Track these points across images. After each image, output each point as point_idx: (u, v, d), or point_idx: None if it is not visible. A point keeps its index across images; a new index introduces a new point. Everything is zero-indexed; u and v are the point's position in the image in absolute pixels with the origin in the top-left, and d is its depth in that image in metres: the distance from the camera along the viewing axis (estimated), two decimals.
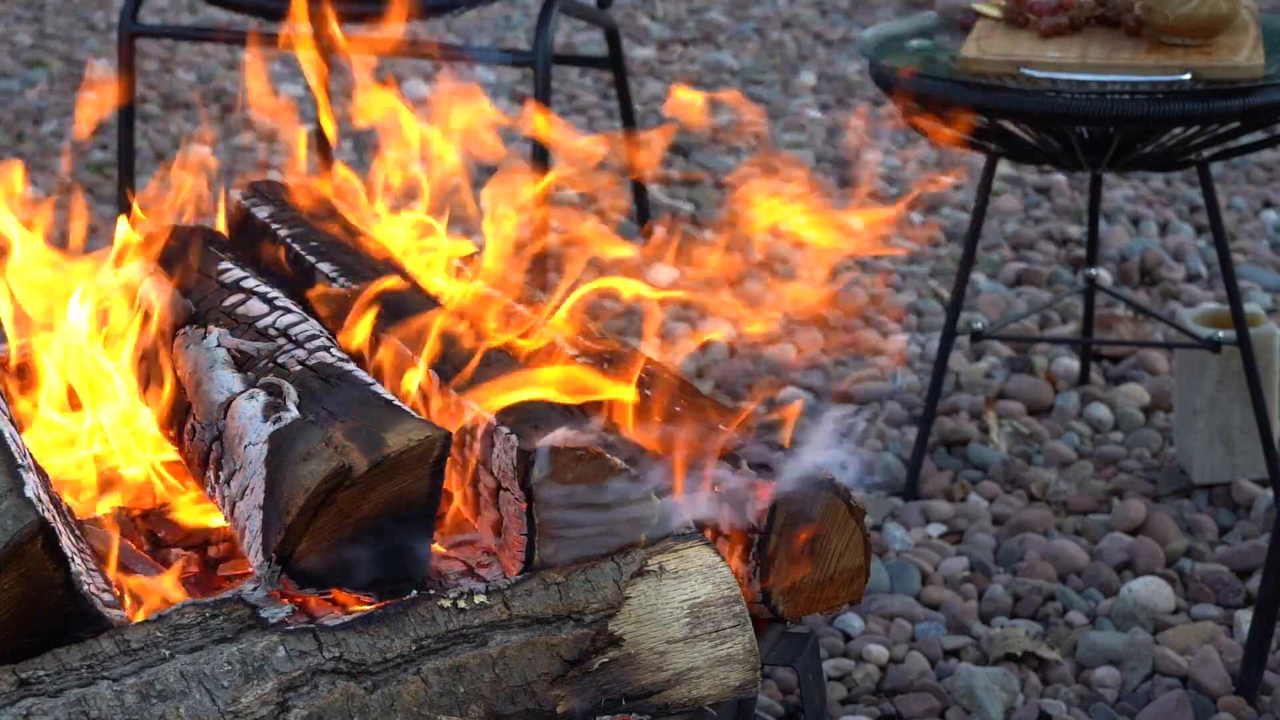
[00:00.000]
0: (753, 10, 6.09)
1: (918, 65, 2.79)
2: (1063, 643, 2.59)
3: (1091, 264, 3.25)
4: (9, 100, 5.05)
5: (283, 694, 1.61)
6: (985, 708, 2.44)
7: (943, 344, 3.00)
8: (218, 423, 1.87)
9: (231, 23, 5.23)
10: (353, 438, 1.71)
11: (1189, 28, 2.72)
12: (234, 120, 4.86)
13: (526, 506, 1.75)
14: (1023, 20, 2.85)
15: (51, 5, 6.09)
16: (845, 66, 5.44)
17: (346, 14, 3.64)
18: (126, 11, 3.68)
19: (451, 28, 5.82)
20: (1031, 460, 3.13)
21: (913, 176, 4.53)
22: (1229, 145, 2.81)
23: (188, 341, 2.01)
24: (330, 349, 1.93)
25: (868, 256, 3.78)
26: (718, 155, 4.59)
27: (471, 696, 1.67)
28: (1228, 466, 3.00)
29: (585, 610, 1.72)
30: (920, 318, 3.71)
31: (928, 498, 3.01)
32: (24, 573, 1.62)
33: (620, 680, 1.72)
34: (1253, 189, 4.42)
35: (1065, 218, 4.24)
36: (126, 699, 1.58)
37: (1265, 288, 3.80)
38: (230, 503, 1.82)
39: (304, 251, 2.26)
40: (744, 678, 1.77)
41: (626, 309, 3.73)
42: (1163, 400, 3.30)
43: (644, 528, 1.77)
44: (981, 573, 2.78)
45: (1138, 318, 3.65)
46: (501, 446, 1.80)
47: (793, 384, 3.38)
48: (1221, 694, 2.47)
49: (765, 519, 1.91)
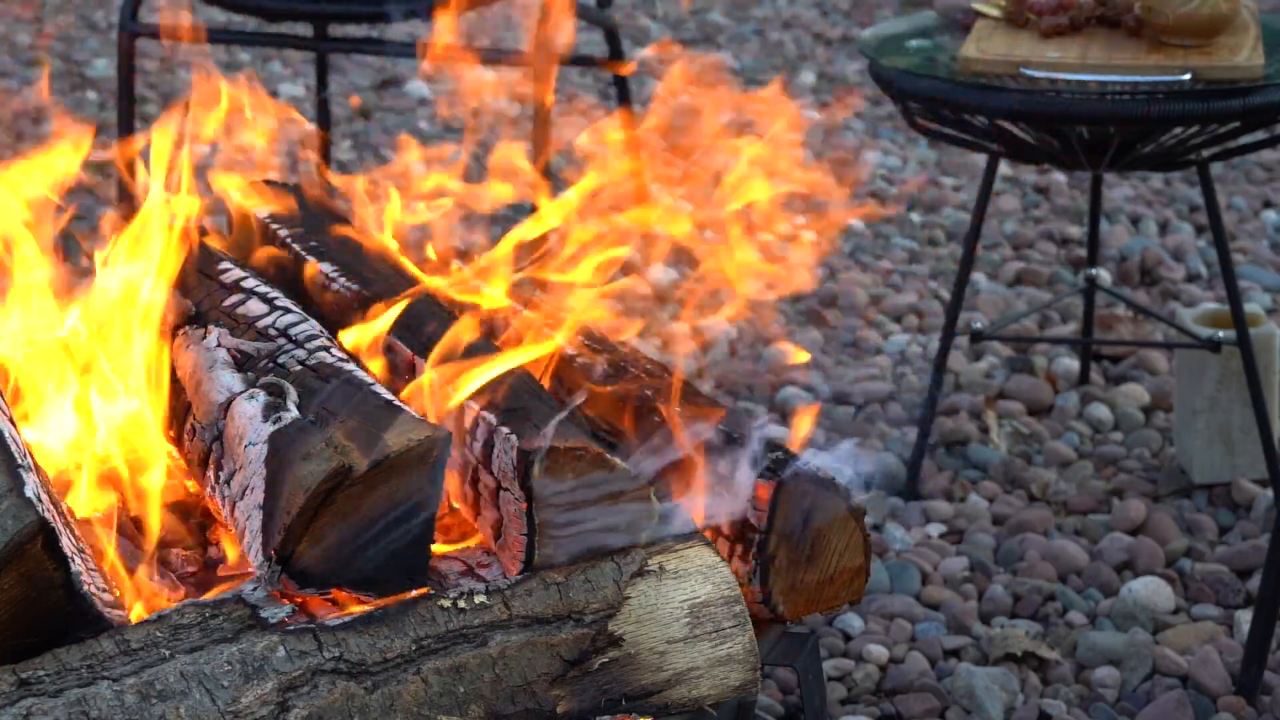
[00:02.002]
0: (753, 10, 6.09)
1: (917, 65, 2.79)
2: (1063, 643, 2.59)
3: (1091, 264, 3.25)
4: (9, 100, 5.05)
5: (283, 694, 1.61)
6: (985, 708, 2.44)
7: (943, 344, 3.00)
8: (218, 423, 1.87)
9: (231, 22, 5.23)
10: (353, 438, 1.71)
11: (1189, 28, 2.72)
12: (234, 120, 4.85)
13: (526, 506, 1.75)
14: (1023, 20, 2.85)
15: (51, 5, 6.09)
16: (845, 66, 5.45)
17: (348, 14, 3.64)
18: (126, 11, 3.68)
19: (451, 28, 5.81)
20: (1031, 460, 3.13)
21: (913, 176, 4.53)
22: (1229, 145, 2.81)
23: (188, 341, 2.01)
24: (330, 349, 1.93)
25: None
26: (718, 155, 4.58)
27: (471, 696, 1.67)
28: (1228, 466, 3.00)
29: (585, 610, 1.72)
30: (920, 318, 3.71)
31: (928, 498, 3.01)
32: (24, 573, 1.61)
33: (620, 680, 1.72)
34: (1253, 189, 4.42)
35: (1065, 218, 4.24)
36: (126, 699, 1.58)
37: (1265, 288, 3.80)
38: (230, 503, 1.82)
39: (304, 251, 2.26)
40: (744, 678, 1.77)
41: (626, 309, 3.73)
42: (1163, 400, 3.30)
43: (644, 528, 1.77)
44: (981, 573, 2.78)
45: (1138, 318, 3.65)
46: (501, 446, 1.80)
47: (793, 384, 3.38)
48: (1221, 694, 2.47)
49: (765, 519, 1.91)
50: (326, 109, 4.14)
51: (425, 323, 2.07)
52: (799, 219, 4.18)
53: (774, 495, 1.90)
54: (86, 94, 5.09)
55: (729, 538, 1.96)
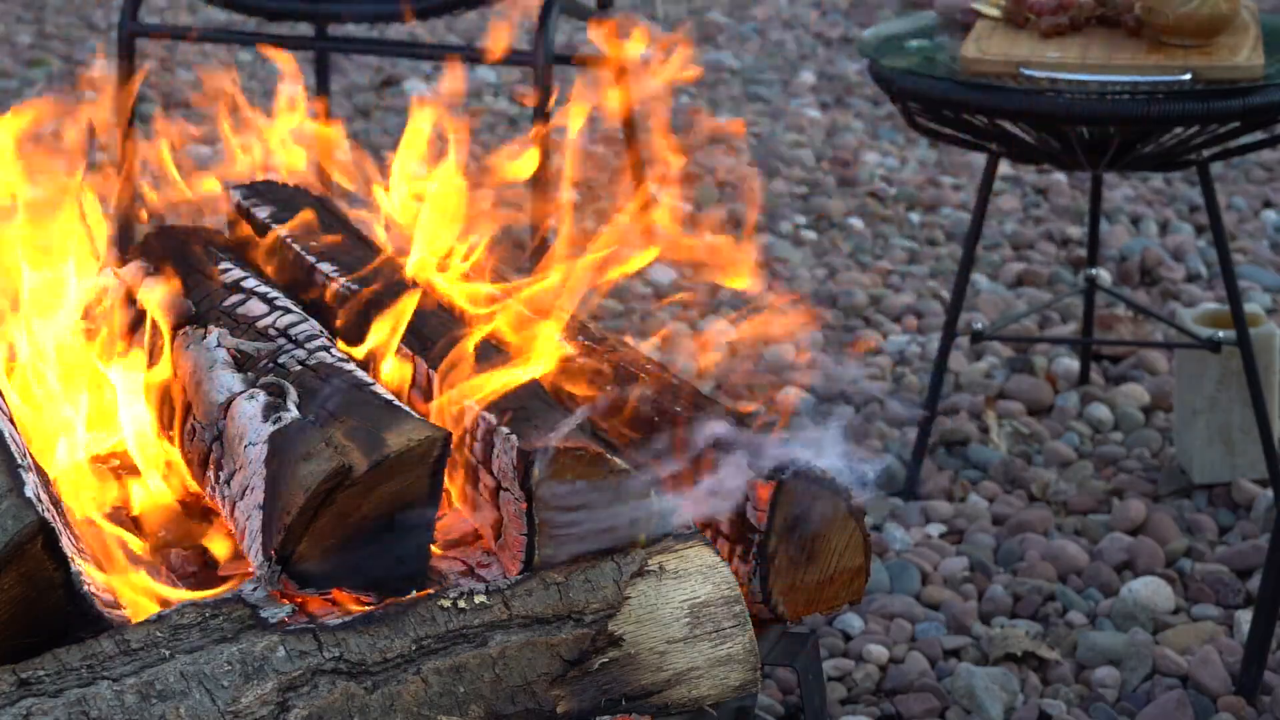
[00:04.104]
0: (753, 10, 6.09)
1: (917, 65, 2.79)
2: (1063, 643, 2.59)
3: (1091, 264, 3.25)
4: (9, 100, 5.06)
5: (283, 694, 1.61)
6: (985, 708, 2.44)
7: (943, 344, 3.00)
8: (218, 423, 1.87)
9: (231, 22, 5.23)
10: (353, 438, 1.71)
11: (1189, 28, 2.72)
12: (233, 119, 4.85)
13: (526, 506, 1.75)
14: (1023, 20, 2.85)
15: (51, 5, 6.09)
16: (845, 66, 5.44)
17: (348, 15, 3.64)
18: (126, 11, 3.68)
19: (452, 28, 5.82)
20: (1031, 460, 3.13)
21: (913, 176, 4.53)
22: (1229, 145, 2.81)
23: (188, 341, 2.01)
24: (330, 349, 1.93)
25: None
26: (716, 154, 4.59)
27: (471, 696, 1.67)
28: (1228, 466, 3.00)
29: (585, 610, 1.72)
30: (920, 318, 3.71)
31: (928, 498, 3.01)
32: (24, 573, 1.62)
33: (620, 680, 1.72)
34: (1253, 189, 4.42)
35: (1065, 218, 4.24)
36: (126, 699, 1.58)
37: (1265, 288, 3.80)
38: (230, 503, 1.82)
39: (304, 251, 2.26)
40: (744, 678, 1.77)
41: (627, 309, 3.73)
42: (1163, 400, 3.30)
43: (644, 527, 1.77)
44: (981, 573, 2.78)
45: (1138, 318, 3.65)
46: (501, 446, 1.80)
47: (793, 384, 3.38)
48: (1221, 694, 2.47)
49: (765, 519, 1.91)
50: (326, 109, 4.13)
51: (428, 324, 2.07)
52: (798, 218, 4.18)
53: (774, 495, 1.90)
54: (86, 94, 5.09)
55: (729, 538, 1.96)
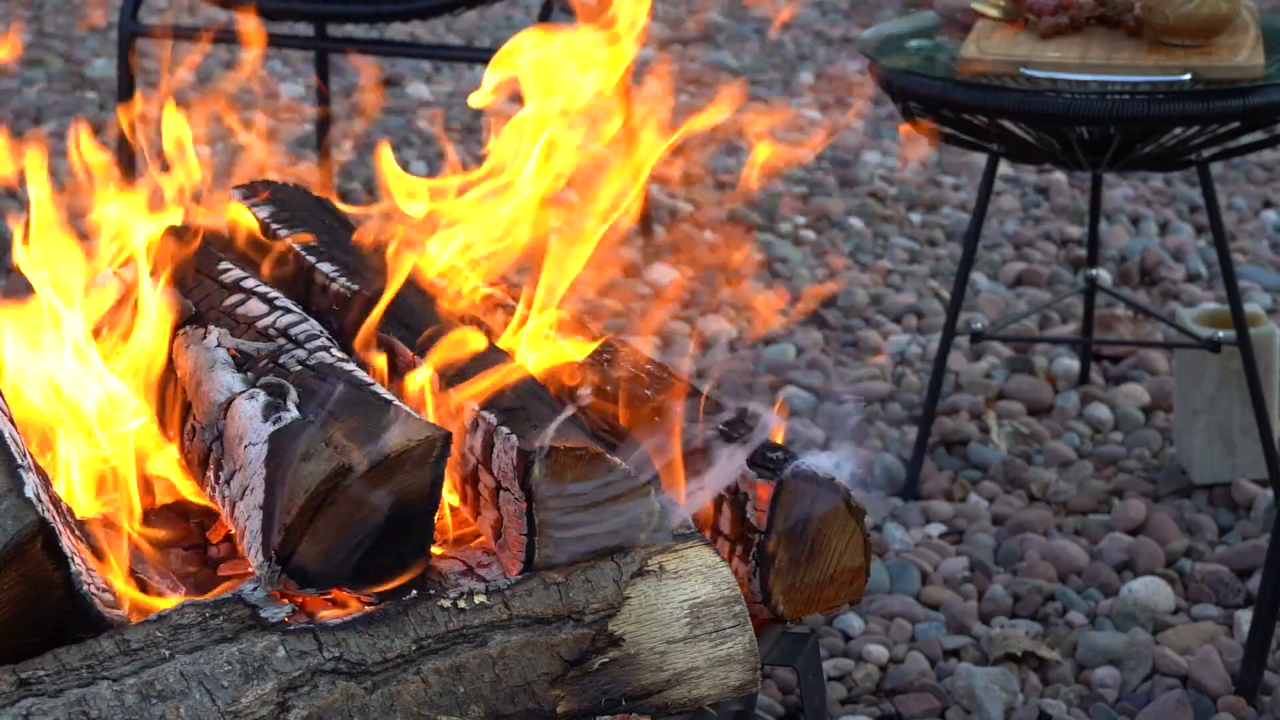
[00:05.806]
0: (752, 10, 6.09)
1: (917, 65, 2.79)
2: (1063, 643, 2.59)
3: (1092, 264, 3.25)
4: (8, 99, 5.05)
5: (283, 694, 1.61)
6: (985, 708, 2.44)
7: (943, 344, 3.00)
8: (218, 423, 1.87)
9: (230, 22, 5.22)
10: (353, 438, 1.71)
11: (1189, 28, 2.72)
12: (234, 120, 4.86)
13: (526, 506, 1.75)
14: (1023, 20, 2.85)
15: (51, 5, 6.09)
16: (845, 66, 5.44)
17: (349, 15, 3.64)
18: (126, 11, 3.68)
19: (452, 28, 5.82)
20: (1031, 460, 3.13)
21: (913, 176, 4.53)
22: (1229, 145, 2.81)
23: (188, 341, 2.01)
24: (330, 349, 1.93)
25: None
26: (718, 155, 4.59)
27: (471, 696, 1.67)
28: (1228, 466, 3.00)
29: (585, 610, 1.72)
30: (920, 318, 3.71)
31: (928, 498, 3.01)
32: (24, 573, 1.61)
33: (620, 680, 1.72)
34: (1253, 189, 4.42)
35: (1065, 218, 4.24)
36: (126, 699, 1.58)
37: (1265, 288, 3.80)
38: (230, 503, 1.82)
39: (304, 251, 2.26)
40: (744, 678, 1.77)
41: (627, 309, 3.73)
42: (1163, 400, 3.30)
43: (644, 527, 1.77)
44: (981, 573, 2.78)
45: (1138, 318, 3.65)
46: (501, 446, 1.80)
47: (793, 384, 3.38)
48: (1221, 694, 2.47)
49: (765, 519, 1.91)
50: (326, 108, 4.14)
51: (425, 322, 2.07)
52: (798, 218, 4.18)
53: (774, 495, 1.90)
54: (86, 94, 5.09)
55: (729, 538, 1.96)
